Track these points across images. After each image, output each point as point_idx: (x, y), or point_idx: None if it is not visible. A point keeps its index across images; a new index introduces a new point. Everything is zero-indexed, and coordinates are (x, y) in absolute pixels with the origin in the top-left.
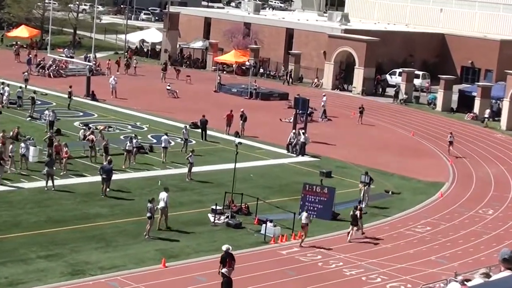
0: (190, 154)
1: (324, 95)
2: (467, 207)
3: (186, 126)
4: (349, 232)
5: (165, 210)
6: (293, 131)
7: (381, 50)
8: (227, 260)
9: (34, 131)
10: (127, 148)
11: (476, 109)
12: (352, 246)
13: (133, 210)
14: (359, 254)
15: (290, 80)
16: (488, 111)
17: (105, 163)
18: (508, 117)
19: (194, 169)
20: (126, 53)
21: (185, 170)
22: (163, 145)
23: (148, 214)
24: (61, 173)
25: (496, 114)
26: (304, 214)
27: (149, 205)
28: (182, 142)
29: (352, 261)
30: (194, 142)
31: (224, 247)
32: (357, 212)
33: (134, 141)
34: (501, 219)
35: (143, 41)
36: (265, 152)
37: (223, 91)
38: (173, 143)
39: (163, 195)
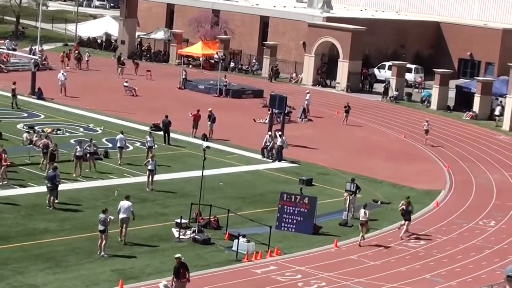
0: (149, 160)
1: (308, 93)
2: (466, 218)
3: (150, 133)
4: (400, 227)
5: (127, 222)
6: (269, 133)
7: (368, 41)
8: (181, 271)
9: None
10: (77, 153)
11: (476, 107)
12: (336, 264)
13: (86, 224)
14: (344, 272)
15: (275, 76)
16: (498, 107)
17: (51, 171)
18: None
19: (156, 177)
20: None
21: (145, 178)
22: (118, 145)
23: (101, 227)
24: (0, 183)
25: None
26: (363, 210)
27: (101, 216)
28: (146, 149)
29: (336, 281)
30: (155, 146)
31: (177, 255)
32: (410, 208)
33: (87, 145)
34: (504, 231)
35: (107, 34)
36: (237, 157)
37: (189, 88)
38: (130, 147)
39: (124, 204)
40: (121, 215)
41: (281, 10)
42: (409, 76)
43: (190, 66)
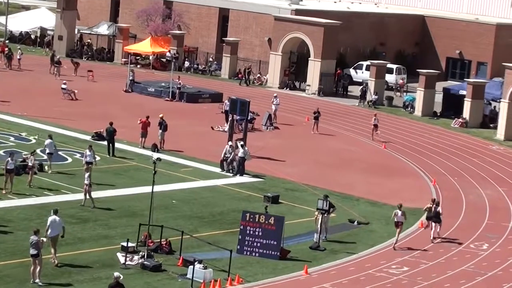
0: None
1: (276, 96)
2: (455, 240)
3: (91, 146)
4: (427, 226)
5: (57, 240)
6: (229, 143)
7: (343, 37)
8: None
9: None
10: (8, 167)
11: (466, 113)
12: None
13: (17, 249)
14: None
15: (249, 81)
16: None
17: None
18: (507, 124)
19: (99, 193)
20: (7, 41)
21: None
22: (47, 151)
23: (33, 251)
24: None
25: (491, 119)
26: (399, 211)
27: (32, 238)
28: (83, 163)
29: None
30: (98, 158)
31: (116, 274)
32: (439, 209)
33: (31, 157)
34: (498, 256)
35: (43, 29)
36: (192, 171)
37: (137, 91)
38: (69, 159)
39: (55, 219)
40: (51, 233)
41: (243, 1)
42: (390, 78)
43: (138, 65)
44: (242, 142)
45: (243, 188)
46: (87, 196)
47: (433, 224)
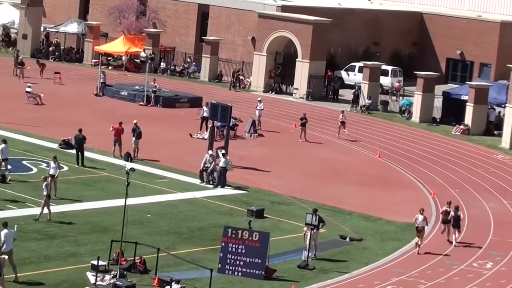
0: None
1: (260, 100)
2: (456, 258)
3: (55, 157)
4: (444, 230)
5: (12, 254)
6: (209, 151)
7: (333, 36)
8: None
9: None
10: None
11: (468, 119)
12: None
13: None
14: None
15: (238, 84)
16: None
17: None
18: None
19: (65, 207)
20: None
21: (55, 208)
22: (1, 157)
23: None
24: None
25: (495, 126)
26: (421, 216)
27: None
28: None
29: None
30: (66, 168)
31: None
32: (460, 213)
33: None
34: (504, 275)
35: (5, 26)
36: (169, 182)
37: (108, 95)
38: (34, 169)
39: (7, 233)
40: (7, 248)
41: None
42: (385, 81)
43: (110, 67)
44: (223, 151)
45: (224, 201)
46: (45, 210)
47: (451, 229)
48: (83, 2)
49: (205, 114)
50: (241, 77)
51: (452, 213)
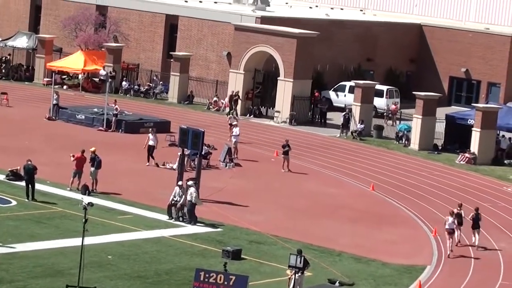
0: None
1: (236, 125)
2: None
3: None
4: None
5: None
6: (179, 183)
7: (321, 52)
8: None
9: None
10: None
11: (474, 146)
12: None
13: None
14: None
15: (234, 109)
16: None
17: None
18: None
19: (14, 247)
20: None
21: (1, 249)
22: None
23: None
24: None
25: (507, 154)
26: (450, 218)
27: None
28: None
29: None
30: (14, 203)
31: None
32: (480, 215)
33: None
34: None
35: None
36: (133, 218)
37: (63, 118)
38: None
39: None
40: None
41: (195, 6)
42: (380, 102)
43: (65, 86)
44: (191, 182)
45: (196, 240)
46: None
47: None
48: (33, 13)
49: (151, 143)
50: (219, 100)
51: (472, 215)
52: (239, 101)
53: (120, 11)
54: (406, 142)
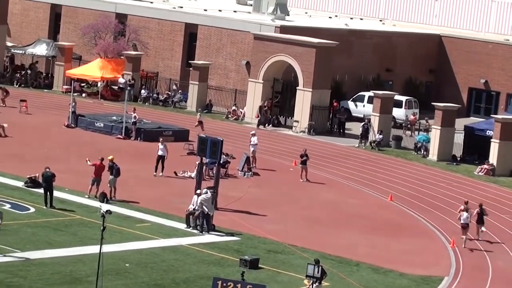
0: None
1: (254, 134)
2: None
3: None
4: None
5: None
6: (198, 191)
7: (340, 62)
8: None
9: None
10: None
11: (493, 158)
12: None
13: None
14: None
15: (263, 119)
16: None
17: None
18: None
19: (33, 254)
20: None
21: (20, 255)
22: None
23: None
24: None
25: None
26: (465, 214)
27: None
28: None
29: None
30: (32, 210)
31: None
32: (485, 210)
33: None
34: None
35: None
36: (151, 226)
37: (82, 126)
38: None
39: None
40: None
41: (214, 15)
42: (398, 113)
43: (84, 94)
44: (212, 190)
45: (214, 249)
46: None
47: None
48: (53, 20)
49: (160, 153)
50: (238, 109)
51: (476, 210)
52: (267, 111)
53: (139, 20)
54: (425, 152)
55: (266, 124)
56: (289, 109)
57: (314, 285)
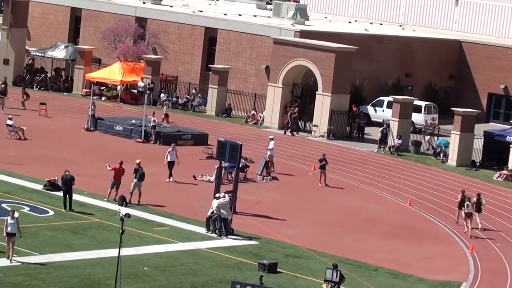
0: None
1: (272, 138)
2: None
3: (13, 211)
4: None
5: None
6: (217, 195)
7: (360, 66)
8: None
9: None
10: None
11: None
12: None
13: None
14: None
15: (295, 127)
16: None
17: None
18: None
19: (52, 257)
20: None
21: (39, 258)
22: None
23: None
24: None
25: None
26: (467, 203)
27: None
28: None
29: None
30: (51, 213)
31: None
32: (482, 200)
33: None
34: None
35: None
36: (170, 230)
37: (101, 129)
38: (16, 213)
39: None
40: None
41: (234, 19)
42: (418, 118)
43: (103, 97)
44: (231, 195)
45: (232, 253)
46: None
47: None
48: (73, 24)
49: (169, 159)
50: (257, 113)
51: (474, 200)
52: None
53: (159, 23)
54: (444, 158)
55: (296, 132)
56: (309, 114)
57: None
